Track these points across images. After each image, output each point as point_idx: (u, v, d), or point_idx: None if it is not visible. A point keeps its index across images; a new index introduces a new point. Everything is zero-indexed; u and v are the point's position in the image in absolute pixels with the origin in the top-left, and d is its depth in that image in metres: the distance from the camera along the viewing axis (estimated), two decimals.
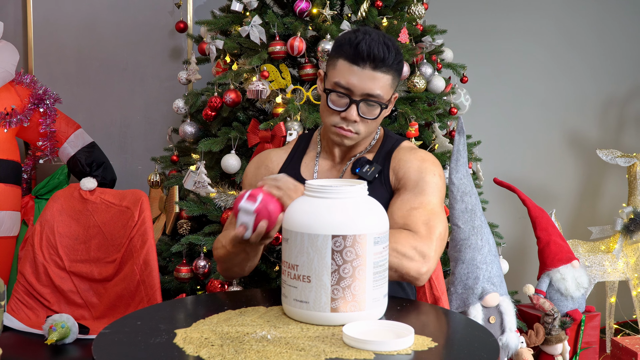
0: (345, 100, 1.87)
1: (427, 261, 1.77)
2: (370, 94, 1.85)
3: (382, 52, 1.82)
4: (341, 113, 1.88)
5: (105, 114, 3.69)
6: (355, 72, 1.84)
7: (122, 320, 1.58)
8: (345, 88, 1.86)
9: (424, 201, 1.87)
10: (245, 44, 2.83)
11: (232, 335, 1.47)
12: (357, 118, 1.87)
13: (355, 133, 1.90)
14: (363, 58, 1.83)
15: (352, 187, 1.57)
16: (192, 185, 2.75)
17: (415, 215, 1.84)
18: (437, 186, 1.91)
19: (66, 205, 2.77)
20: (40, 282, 2.69)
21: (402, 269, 1.75)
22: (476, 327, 1.59)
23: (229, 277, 2.01)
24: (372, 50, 1.82)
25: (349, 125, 1.89)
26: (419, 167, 1.92)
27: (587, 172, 4.31)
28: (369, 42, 1.82)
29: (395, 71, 1.88)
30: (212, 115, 2.86)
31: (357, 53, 1.83)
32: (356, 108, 1.87)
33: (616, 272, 3.67)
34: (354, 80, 1.84)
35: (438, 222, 1.85)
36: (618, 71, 4.30)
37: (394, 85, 1.91)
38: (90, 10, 3.63)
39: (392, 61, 1.85)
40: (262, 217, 1.66)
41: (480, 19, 4.05)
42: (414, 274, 1.76)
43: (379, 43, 1.83)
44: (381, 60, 1.83)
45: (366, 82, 1.84)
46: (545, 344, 2.91)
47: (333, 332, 1.50)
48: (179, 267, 2.80)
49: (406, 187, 1.91)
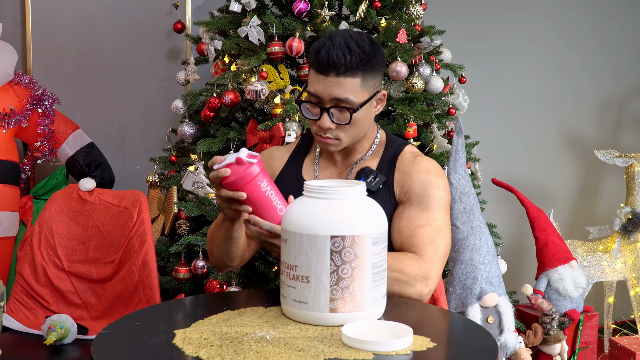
0: (317, 109, 1.88)
1: (429, 282, 1.82)
2: (338, 98, 1.84)
3: (343, 57, 1.80)
4: (316, 122, 1.89)
5: (103, 114, 3.69)
6: (320, 81, 1.84)
7: (121, 320, 1.58)
8: (315, 96, 1.86)
9: (430, 217, 1.88)
10: (243, 45, 2.83)
11: (231, 336, 1.47)
12: (331, 125, 1.87)
13: (336, 139, 1.90)
14: (323, 66, 1.82)
15: (350, 188, 1.57)
16: (191, 186, 2.75)
17: (422, 233, 1.86)
18: (442, 200, 1.91)
19: (65, 205, 2.77)
20: (39, 283, 2.69)
21: (405, 295, 1.80)
22: (475, 327, 1.59)
23: (216, 264, 2.02)
24: (331, 58, 1.80)
25: (326, 132, 1.89)
26: (424, 180, 1.92)
27: (585, 172, 4.32)
28: (329, 49, 1.80)
29: (364, 71, 1.84)
30: (211, 115, 2.86)
31: (319, 61, 1.82)
32: (328, 115, 1.86)
33: (614, 272, 3.68)
34: (320, 88, 1.84)
35: (443, 240, 1.88)
36: (616, 71, 4.30)
37: (370, 85, 1.87)
38: (89, 11, 3.63)
39: (356, 63, 1.82)
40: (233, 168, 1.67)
41: (478, 19, 4.05)
42: (416, 297, 1.81)
43: (339, 48, 1.80)
44: (343, 65, 1.81)
45: (332, 88, 1.83)
46: (544, 344, 2.92)
47: (332, 332, 1.50)
48: (177, 267, 2.80)
49: (411, 202, 1.91)
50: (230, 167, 1.68)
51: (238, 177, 1.68)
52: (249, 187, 1.69)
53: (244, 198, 1.69)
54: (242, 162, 1.68)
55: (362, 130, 1.93)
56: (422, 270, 1.81)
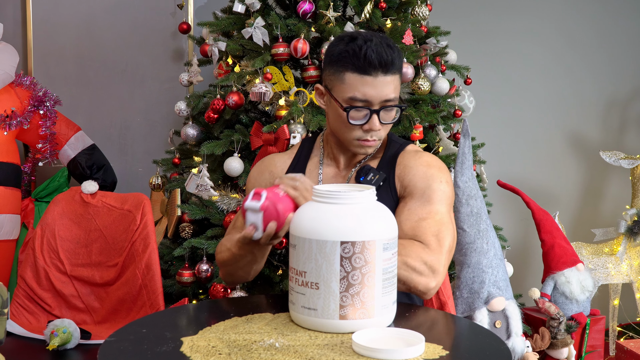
0: (365, 112, 1.83)
1: (436, 276, 1.76)
2: (387, 99, 1.83)
3: (389, 54, 1.79)
4: (363, 126, 1.85)
5: (105, 115, 3.66)
6: (368, 83, 1.80)
7: (127, 327, 1.55)
8: (362, 101, 1.82)
9: (432, 210, 1.84)
10: (248, 46, 2.81)
11: (240, 344, 1.45)
12: (380, 127, 1.85)
13: (378, 140, 1.89)
14: (375, 66, 1.79)
15: (360, 193, 1.54)
16: (195, 189, 2.73)
17: (424, 226, 1.81)
18: (444, 194, 1.87)
19: (67, 208, 2.75)
20: (41, 287, 2.66)
21: (411, 283, 1.74)
22: (487, 334, 1.56)
23: (231, 282, 1.98)
24: (381, 56, 1.78)
25: (374, 135, 1.86)
26: (425, 173, 1.88)
27: (590, 173, 4.30)
28: (375, 49, 1.78)
29: (400, 68, 1.86)
30: (215, 117, 2.84)
31: (368, 62, 1.78)
32: (377, 117, 1.84)
33: (620, 274, 3.65)
34: (370, 91, 1.81)
35: (447, 233, 1.83)
36: (620, 72, 4.28)
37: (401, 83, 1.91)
38: (90, 12, 3.61)
39: (398, 60, 1.83)
40: (270, 215, 1.64)
41: (481, 20, 4.03)
42: (422, 288, 1.76)
43: (382, 46, 1.79)
44: (391, 62, 1.80)
45: (382, 89, 1.81)
46: (551, 348, 2.89)
47: (342, 339, 1.47)
48: (181, 271, 2.78)
49: (413, 195, 1.87)
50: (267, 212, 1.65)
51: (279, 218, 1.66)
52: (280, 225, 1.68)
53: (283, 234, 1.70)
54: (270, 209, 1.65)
55: None
56: (430, 259, 1.76)
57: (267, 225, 1.65)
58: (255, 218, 1.64)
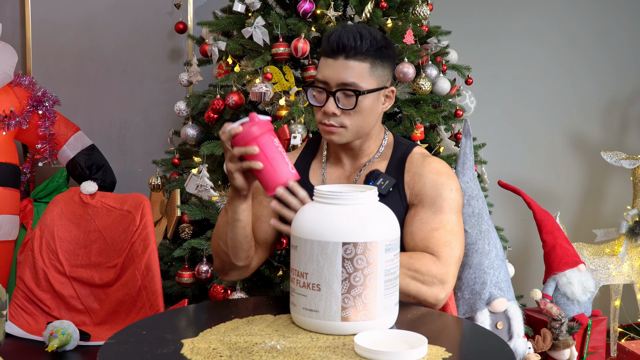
0: (324, 95, 1.86)
1: (446, 287, 1.80)
2: (344, 82, 1.83)
3: (353, 40, 1.81)
4: (321, 108, 1.87)
5: (104, 115, 3.65)
6: (329, 64, 1.84)
7: (127, 329, 1.54)
8: (321, 82, 1.85)
9: (443, 220, 1.85)
10: (248, 46, 2.79)
11: (241, 346, 1.43)
12: (335, 110, 1.84)
13: (341, 127, 1.87)
14: (333, 49, 1.82)
15: (362, 193, 1.53)
16: (194, 189, 2.71)
17: (436, 237, 1.83)
18: (454, 202, 1.89)
19: (66, 209, 2.73)
20: (40, 288, 2.65)
21: (421, 297, 1.78)
22: (489, 336, 1.55)
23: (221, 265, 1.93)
24: (342, 40, 1.81)
25: (331, 119, 1.86)
26: (435, 182, 1.89)
27: (590, 174, 4.28)
28: (339, 33, 1.82)
29: (374, 58, 1.84)
30: (215, 117, 2.82)
31: (329, 45, 1.83)
32: (333, 100, 1.84)
33: (621, 275, 3.64)
34: (328, 72, 1.84)
35: (457, 244, 1.85)
36: (620, 72, 4.27)
37: (379, 75, 1.87)
38: (89, 11, 3.59)
39: (366, 48, 1.82)
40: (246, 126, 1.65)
41: (482, 20, 4.02)
42: (432, 300, 1.79)
43: (351, 33, 1.82)
44: (352, 47, 1.81)
45: (339, 71, 1.83)
46: (553, 350, 2.88)
47: (344, 342, 1.46)
48: (181, 272, 2.76)
49: (423, 204, 1.88)
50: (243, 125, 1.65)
51: (249, 129, 1.64)
52: (262, 140, 1.65)
53: (256, 152, 1.64)
54: (254, 118, 1.65)
55: (367, 122, 1.90)
56: (439, 272, 1.79)
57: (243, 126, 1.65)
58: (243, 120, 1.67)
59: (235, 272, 1.94)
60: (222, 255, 1.89)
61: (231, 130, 1.66)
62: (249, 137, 1.64)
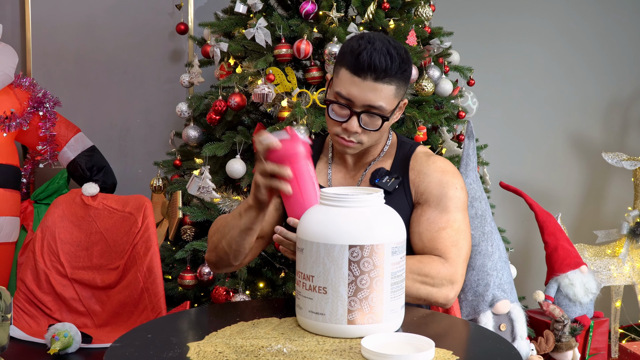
0: (347, 111, 1.82)
1: (455, 286, 1.81)
2: (371, 105, 1.80)
3: (385, 62, 1.76)
4: (342, 124, 1.83)
5: (104, 117, 3.64)
6: (356, 83, 1.78)
7: (132, 333, 1.53)
8: (346, 99, 1.81)
9: (450, 219, 1.86)
10: (250, 47, 2.78)
11: (247, 349, 1.42)
12: (358, 129, 1.82)
13: (358, 143, 1.86)
14: (364, 69, 1.76)
15: (369, 196, 1.52)
16: (196, 191, 2.70)
17: (443, 236, 1.84)
18: (460, 200, 1.89)
19: (68, 211, 2.73)
20: (41, 290, 2.64)
21: (431, 299, 1.79)
22: (496, 338, 1.55)
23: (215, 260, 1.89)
24: (374, 61, 1.75)
25: (351, 136, 1.84)
26: (440, 180, 1.89)
27: (591, 175, 4.28)
28: (371, 52, 1.75)
29: (400, 80, 1.81)
30: (217, 119, 2.81)
31: (358, 63, 1.76)
32: (357, 119, 1.81)
33: (622, 276, 3.64)
34: (355, 91, 1.79)
35: (464, 242, 1.86)
36: (621, 73, 4.27)
37: (400, 94, 1.85)
38: (89, 12, 3.58)
39: (395, 71, 1.78)
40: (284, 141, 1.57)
41: (484, 21, 4.02)
42: (443, 301, 1.80)
43: (381, 53, 1.76)
44: (383, 70, 1.76)
45: (367, 93, 1.78)
46: (556, 351, 2.87)
47: (350, 345, 1.45)
48: (182, 273, 2.75)
49: (429, 203, 1.88)
50: (282, 141, 1.58)
51: (288, 152, 1.58)
52: (297, 164, 1.60)
53: (289, 176, 1.59)
54: (295, 137, 1.60)
55: (383, 136, 1.93)
56: (448, 273, 1.80)
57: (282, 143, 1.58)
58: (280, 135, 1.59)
59: (228, 269, 1.92)
60: (221, 254, 1.86)
61: (269, 144, 1.58)
62: (286, 159, 1.59)
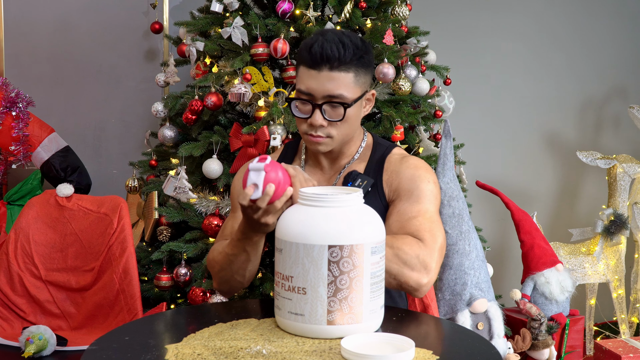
0: (309, 106, 1.82)
1: (429, 273, 1.72)
2: (331, 95, 1.79)
3: (338, 51, 1.77)
4: (307, 120, 1.83)
5: (79, 116, 3.60)
6: (313, 76, 1.79)
7: (109, 335, 1.51)
8: (306, 94, 1.81)
9: (421, 209, 1.82)
10: (226, 46, 2.77)
11: (226, 351, 1.41)
12: (322, 122, 1.82)
13: (328, 137, 1.85)
14: (317, 61, 1.77)
15: (348, 196, 1.52)
16: (173, 191, 2.68)
17: (415, 224, 1.79)
18: (432, 193, 1.86)
19: (42, 212, 2.69)
20: (15, 292, 2.60)
21: (402, 278, 1.70)
22: (476, 338, 1.55)
23: (228, 290, 1.91)
24: (326, 51, 1.76)
25: (318, 130, 1.83)
26: (412, 175, 1.87)
27: (566, 173, 4.31)
28: (322, 43, 1.77)
29: (358, 67, 1.81)
30: (193, 118, 2.79)
31: (312, 56, 1.78)
32: (320, 112, 1.81)
33: (597, 274, 3.67)
34: (313, 84, 1.79)
35: (438, 231, 1.80)
36: (598, 72, 4.31)
37: (362, 82, 1.84)
38: (64, 11, 3.54)
39: (350, 58, 1.78)
40: (271, 177, 1.58)
41: (460, 19, 4.03)
42: (414, 284, 1.71)
43: (333, 42, 1.77)
44: (337, 59, 1.77)
45: (325, 84, 1.79)
46: (532, 350, 2.89)
47: (330, 345, 1.45)
48: (159, 275, 2.72)
49: (401, 197, 1.86)
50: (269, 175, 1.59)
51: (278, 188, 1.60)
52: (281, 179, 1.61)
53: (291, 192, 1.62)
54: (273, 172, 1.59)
55: (352, 129, 1.89)
56: (423, 253, 1.72)
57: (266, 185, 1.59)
58: (257, 178, 1.58)
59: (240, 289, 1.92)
60: (235, 284, 1.87)
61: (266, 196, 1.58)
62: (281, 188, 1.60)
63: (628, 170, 3.73)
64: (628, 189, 3.77)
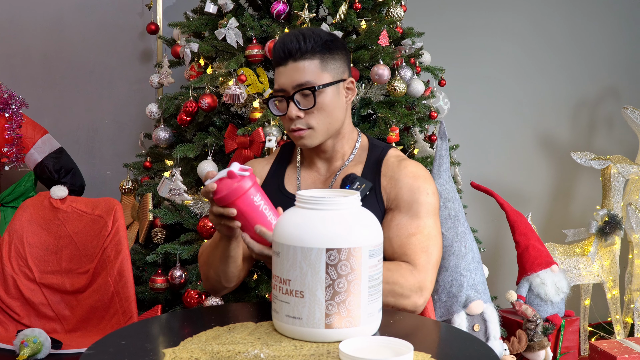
0: (284, 102, 1.88)
1: (424, 293, 1.81)
2: (299, 84, 1.84)
3: (297, 42, 1.83)
4: (286, 116, 1.87)
5: (72, 118, 3.58)
6: (281, 72, 1.86)
7: (105, 339, 1.50)
8: (279, 91, 1.87)
9: (420, 225, 1.86)
10: (221, 47, 2.76)
11: (224, 355, 1.40)
12: (298, 113, 1.85)
13: (309, 129, 1.87)
14: (281, 56, 1.84)
15: (346, 198, 1.51)
16: (167, 193, 2.67)
17: (413, 242, 1.84)
18: (431, 206, 1.89)
19: (36, 214, 2.67)
20: (9, 295, 2.59)
21: (400, 307, 1.79)
22: (474, 341, 1.54)
23: (211, 288, 1.96)
24: (286, 45, 1.83)
25: (297, 123, 1.86)
26: (412, 186, 1.89)
27: (560, 174, 4.32)
28: (282, 39, 1.84)
29: (322, 53, 1.85)
30: (187, 120, 2.78)
31: (276, 54, 1.85)
32: (293, 103, 1.85)
33: (591, 274, 3.68)
34: (282, 79, 1.86)
35: (435, 248, 1.86)
36: (592, 72, 4.31)
37: (331, 67, 1.87)
38: (57, 11, 3.52)
39: (311, 46, 1.83)
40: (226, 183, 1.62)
41: (454, 19, 4.03)
42: (411, 308, 1.80)
43: (292, 35, 1.84)
44: (297, 50, 1.83)
45: (292, 75, 1.84)
46: (528, 351, 2.89)
47: (328, 349, 1.44)
48: (154, 277, 2.71)
49: (400, 209, 1.88)
50: (222, 182, 1.63)
51: (229, 191, 1.63)
52: (240, 201, 1.64)
53: (233, 215, 1.64)
54: (233, 175, 1.63)
55: (333, 117, 1.89)
56: (416, 280, 1.80)
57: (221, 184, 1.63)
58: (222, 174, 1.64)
59: (226, 290, 1.97)
60: (213, 282, 1.92)
61: (208, 188, 1.63)
62: (228, 198, 1.63)
63: (622, 170, 3.74)
64: (622, 190, 3.77)
